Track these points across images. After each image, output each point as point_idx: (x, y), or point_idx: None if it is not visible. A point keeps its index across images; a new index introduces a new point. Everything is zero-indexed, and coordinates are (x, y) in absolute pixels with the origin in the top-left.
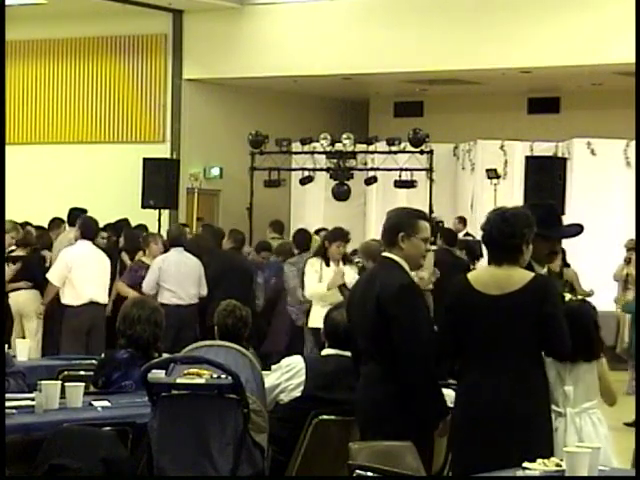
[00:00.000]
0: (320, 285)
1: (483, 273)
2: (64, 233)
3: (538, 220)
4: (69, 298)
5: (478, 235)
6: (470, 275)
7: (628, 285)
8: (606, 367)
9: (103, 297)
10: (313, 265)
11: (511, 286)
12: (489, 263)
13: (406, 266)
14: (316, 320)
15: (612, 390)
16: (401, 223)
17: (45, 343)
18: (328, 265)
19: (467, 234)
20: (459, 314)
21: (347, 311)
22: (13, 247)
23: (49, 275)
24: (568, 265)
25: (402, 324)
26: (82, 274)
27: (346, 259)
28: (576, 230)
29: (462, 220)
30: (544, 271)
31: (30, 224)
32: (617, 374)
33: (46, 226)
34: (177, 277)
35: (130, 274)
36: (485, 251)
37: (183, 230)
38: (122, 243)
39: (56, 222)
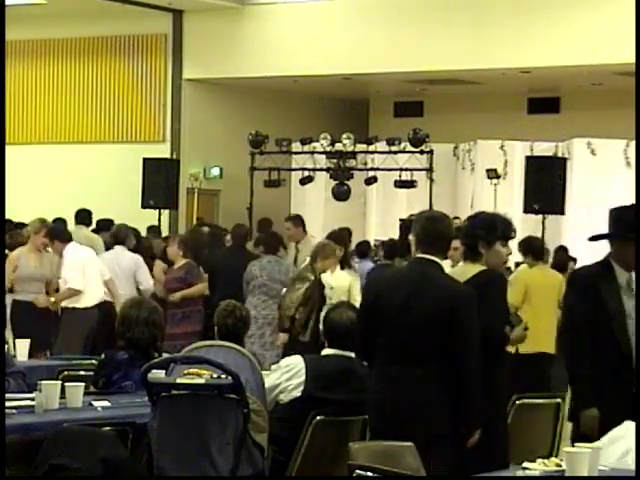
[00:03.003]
0: None
1: (458, 267)
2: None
3: (629, 223)
4: (81, 301)
5: None
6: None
7: None
8: None
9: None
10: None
11: (460, 279)
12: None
13: None
14: None
15: None
16: (450, 230)
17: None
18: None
19: None
20: None
21: (369, 311)
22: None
23: (73, 282)
24: (575, 260)
25: (473, 328)
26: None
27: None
28: None
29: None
30: (626, 277)
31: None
32: None
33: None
34: (112, 274)
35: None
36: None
37: (127, 228)
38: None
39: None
